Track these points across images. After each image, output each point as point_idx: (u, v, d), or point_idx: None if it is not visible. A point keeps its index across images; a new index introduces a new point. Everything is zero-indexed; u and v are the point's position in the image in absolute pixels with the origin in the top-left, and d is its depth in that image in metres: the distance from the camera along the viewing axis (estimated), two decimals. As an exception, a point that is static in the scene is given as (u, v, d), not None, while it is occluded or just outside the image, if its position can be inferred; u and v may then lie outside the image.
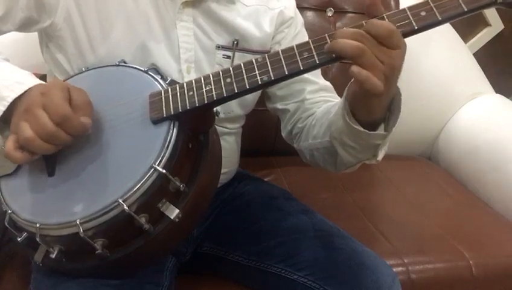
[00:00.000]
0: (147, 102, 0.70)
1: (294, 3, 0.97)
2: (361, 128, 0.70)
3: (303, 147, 0.91)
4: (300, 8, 1.06)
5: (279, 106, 0.96)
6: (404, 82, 0.67)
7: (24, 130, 0.62)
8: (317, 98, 0.93)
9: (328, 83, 0.97)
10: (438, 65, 1.53)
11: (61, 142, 0.64)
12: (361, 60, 0.61)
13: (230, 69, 0.67)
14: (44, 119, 0.62)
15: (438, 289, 1.03)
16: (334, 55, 0.63)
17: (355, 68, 0.61)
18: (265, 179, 1.18)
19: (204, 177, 0.69)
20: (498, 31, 1.93)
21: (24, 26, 0.81)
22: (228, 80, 0.66)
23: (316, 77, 0.94)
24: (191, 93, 0.67)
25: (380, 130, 0.71)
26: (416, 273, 1.01)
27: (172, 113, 0.67)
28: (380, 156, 0.75)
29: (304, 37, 0.97)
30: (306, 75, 0.91)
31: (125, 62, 0.79)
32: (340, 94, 0.74)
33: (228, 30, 0.87)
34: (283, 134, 0.98)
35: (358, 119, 0.71)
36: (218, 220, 0.95)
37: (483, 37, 1.93)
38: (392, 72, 0.62)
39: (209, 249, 0.94)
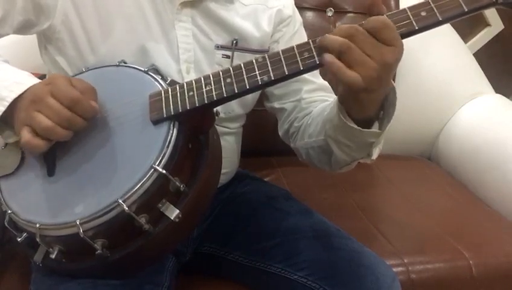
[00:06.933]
0: (147, 102, 0.70)
1: (292, 2, 0.96)
2: (355, 126, 0.70)
3: (299, 146, 0.91)
4: (300, 8, 1.06)
5: (276, 104, 0.96)
6: (404, 82, 0.67)
7: (41, 120, 0.63)
8: (314, 98, 0.92)
9: (325, 83, 0.96)
10: (438, 65, 1.53)
11: (78, 127, 0.66)
12: (345, 56, 0.60)
13: (231, 69, 0.67)
14: (57, 105, 0.63)
15: (438, 289, 1.03)
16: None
17: (328, 57, 0.61)
18: (265, 179, 1.18)
19: (205, 178, 0.69)
20: (498, 31, 1.92)
21: (22, 29, 0.81)
22: (228, 80, 0.66)
23: (313, 76, 0.94)
24: (191, 93, 0.67)
25: (374, 128, 0.71)
26: (416, 273, 1.01)
27: (172, 113, 0.67)
28: (375, 155, 0.75)
29: (302, 36, 0.97)
30: (304, 75, 0.91)
31: (125, 62, 0.79)
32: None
33: (227, 30, 0.87)
34: (280, 133, 0.98)
35: (353, 117, 0.70)
36: (218, 220, 0.95)
37: (483, 37, 1.92)
38: (383, 69, 0.61)
39: (209, 249, 0.94)
